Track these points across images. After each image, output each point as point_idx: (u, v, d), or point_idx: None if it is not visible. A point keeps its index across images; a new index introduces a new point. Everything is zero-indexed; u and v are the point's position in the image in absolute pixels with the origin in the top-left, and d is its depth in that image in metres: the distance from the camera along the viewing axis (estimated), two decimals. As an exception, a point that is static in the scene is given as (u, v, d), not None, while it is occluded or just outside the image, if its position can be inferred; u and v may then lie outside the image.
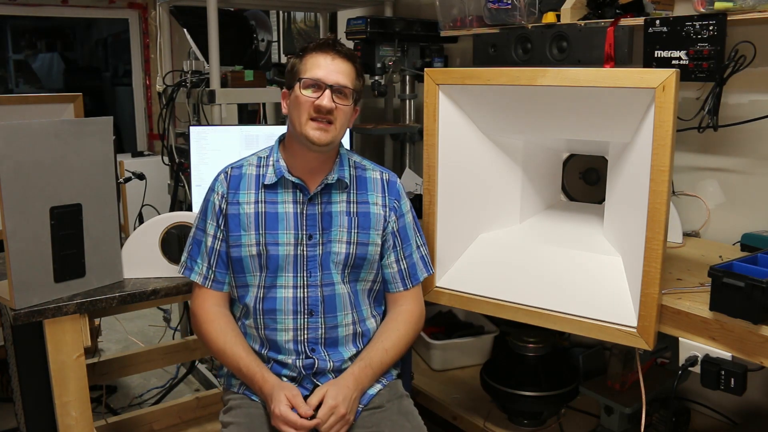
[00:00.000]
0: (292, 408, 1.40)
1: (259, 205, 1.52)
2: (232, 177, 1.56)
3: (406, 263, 1.61)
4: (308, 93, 1.46)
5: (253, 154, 1.60)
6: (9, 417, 2.32)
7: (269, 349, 1.54)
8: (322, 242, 1.53)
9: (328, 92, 1.45)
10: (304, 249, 1.52)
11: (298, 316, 1.52)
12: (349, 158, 1.60)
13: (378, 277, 1.61)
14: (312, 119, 1.46)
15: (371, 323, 1.60)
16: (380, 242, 1.57)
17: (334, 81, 1.46)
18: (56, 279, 1.60)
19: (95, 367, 2.34)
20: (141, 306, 1.90)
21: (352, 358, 1.55)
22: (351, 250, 1.53)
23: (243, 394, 1.55)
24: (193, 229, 1.60)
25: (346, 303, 1.55)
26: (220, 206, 1.54)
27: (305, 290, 1.52)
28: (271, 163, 1.55)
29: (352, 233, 1.54)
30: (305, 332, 1.52)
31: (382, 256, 1.60)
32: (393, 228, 1.59)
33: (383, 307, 1.66)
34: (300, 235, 1.52)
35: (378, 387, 1.56)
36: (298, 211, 1.52)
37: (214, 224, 1.54)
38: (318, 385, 1.51)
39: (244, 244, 1.52)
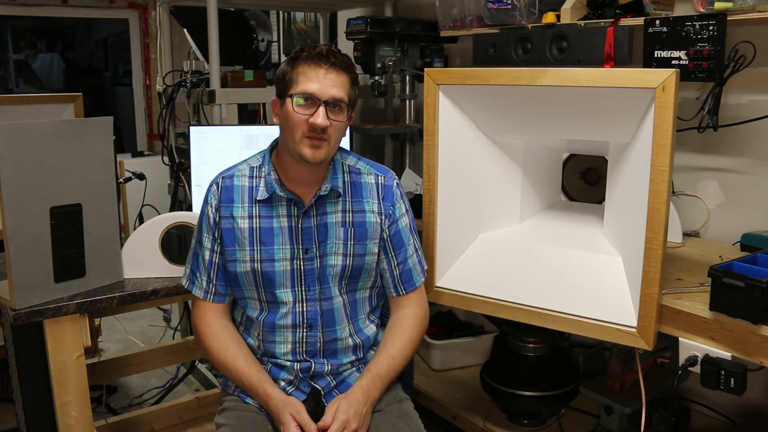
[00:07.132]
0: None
1: (254, 220, 1.48)
2: (223, 188, 1.50)
3: (399, 270, 1.56)
4: (301, 109, 1.39)
5: (244, 162, 1.54)
6: (9, 417, 2.33)
7: (268, 355, 1.54)
8: (318, 255, 1.49)
9: (322, 110, 1.38)
10: (301, 263, 1.48)
11: (297, 330, 1.50)
12: (343, 163, 1.53)
13: (377, 282, 1.58)
14: (306, 137, 1.40)
15: (370, 330, 1.58)
16: (377, 250, 1.53)
17: (328, 96, 1.39)
18: (56, 279, 1.60)
19: (95, 367, 2.34)
20: (141, 306, 1.90)
21: (352, 363, 1.55)
22: (348, 262, 1.50)
23: (237, 396, 1.55)
24: (193, 241, 1.57)
25: (343, 316, 1.53)
26: (214, 219, 1.50)
27: (304, 304, 1.50)
28: (263, 174, 1.49)
29: (348, 245, 1.50)
30: (304, 345, 1.51)
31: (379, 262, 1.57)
32: (386, 235, 1.53)
33: (381, 310, 1.64)
34: (296, 250, 1.48)
35: None
36: (293, 224, 1.48)
37: (211, 237, 1.51)
38: (315, 387, 1.51)
39: (239, 259, 1.48)
